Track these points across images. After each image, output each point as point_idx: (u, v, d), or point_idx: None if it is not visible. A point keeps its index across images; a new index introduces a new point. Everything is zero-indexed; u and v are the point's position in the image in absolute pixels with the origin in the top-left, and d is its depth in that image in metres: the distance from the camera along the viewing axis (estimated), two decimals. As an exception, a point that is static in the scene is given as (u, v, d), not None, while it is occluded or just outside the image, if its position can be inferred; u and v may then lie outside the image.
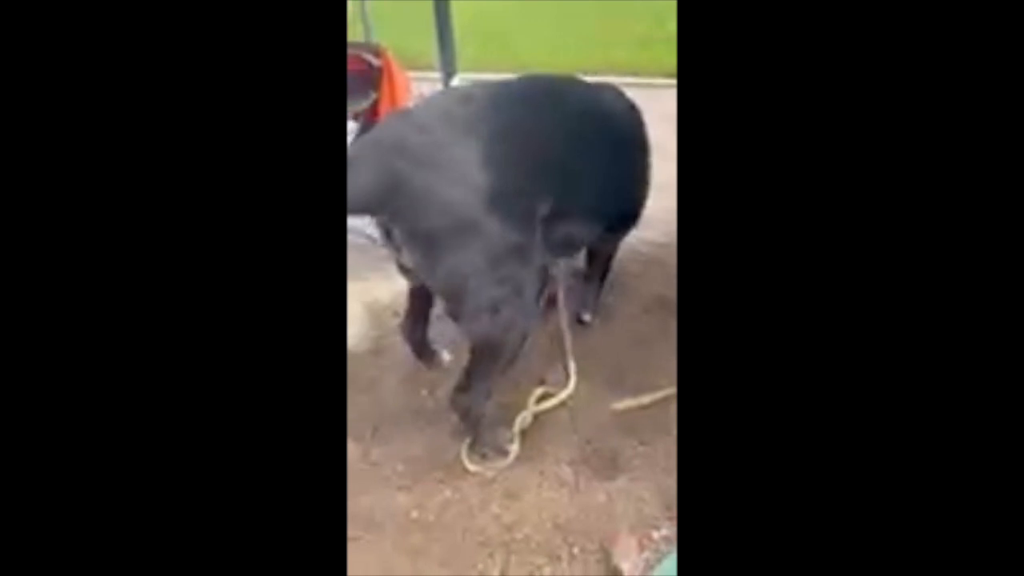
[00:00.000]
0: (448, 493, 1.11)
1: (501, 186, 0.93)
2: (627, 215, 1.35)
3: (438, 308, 1.30)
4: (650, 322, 1.50)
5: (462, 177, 0.92)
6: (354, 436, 1.22)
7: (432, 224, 0.92)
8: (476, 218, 0.92)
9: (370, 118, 1.65)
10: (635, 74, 3.03)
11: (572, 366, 1.33)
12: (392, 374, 1.38)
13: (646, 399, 1.26)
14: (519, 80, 1.18)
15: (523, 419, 1.21)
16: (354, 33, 1.88)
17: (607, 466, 1.14)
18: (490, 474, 1.13)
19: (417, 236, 0.94)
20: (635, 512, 1.04)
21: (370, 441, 1.22)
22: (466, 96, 1.03)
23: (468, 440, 1.17)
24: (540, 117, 1.05)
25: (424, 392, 1.33)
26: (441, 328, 1.39)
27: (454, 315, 1.03)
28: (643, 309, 1.55)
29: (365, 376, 1.38)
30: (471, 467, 1.14)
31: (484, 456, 1.15)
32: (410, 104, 1.66)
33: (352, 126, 1.68)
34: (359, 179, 0.88)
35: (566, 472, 1.13)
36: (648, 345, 1.44)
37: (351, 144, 1.08)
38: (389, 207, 0.93)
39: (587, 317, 1.49)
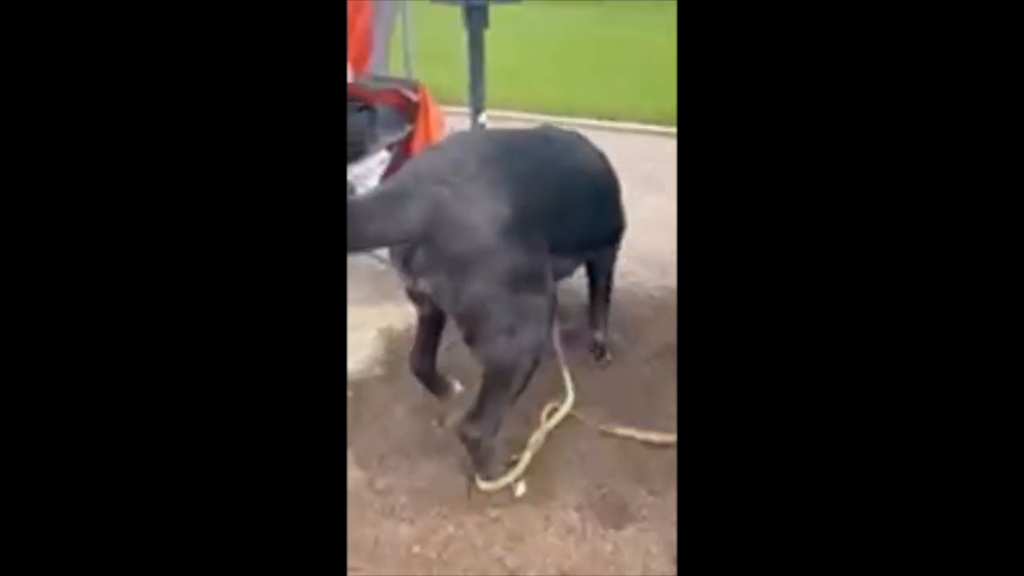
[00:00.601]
0: (451, 529, 1.09)
1: (518, 218, 1.03)
2: (611, 235, 1.47)
3: (447, 339, 1.32)
4: (659, 367, 1.50)
5: (487, 208, 1.01)
6: (361, 463, 1.21)
7: (459, 249, 1.00)
8: (498, 245, 1.01)
9: (404, 150, 1.69)
10: (658, 121, 3.11)
11: (569, 381, 1.33)
12: (403, 402, 1.38)
13: (655, 436, 1.26)
14: (527, 130, 1.40)
15: (536, 440, 1.21)
16: (395, 67, 1.94)
17: (615, 514, 1.12)
18: (495, 513, 1.11)
19: (443, 260, 1.01)
20: (642, 565, 1.02)
21: (376, 469, 1.20)
22: (490, 138, 1.19)
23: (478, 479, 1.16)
24: (542, 163, 1.19)
25: (434, 422, 1.32)
26: (452, 359, 1.39)
27: (471, 339, 1.07)
28: (654, 354, 1.55)
29: (376, 402, 1.37)
30: (484, 486, 1.13)
31: (486, 475, 1.15)
32: (441, 138, 1.71)
33: (385, 155, 1.73)
34: (409, 210, 0.99)
35: (573, 517, 1.11)
36: (658, 391, 1.43)
37: (393, 177, 1.15)
38: (427, 234, 1.00)
39: (600, 336, 1.53)
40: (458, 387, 1.38)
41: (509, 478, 1.15)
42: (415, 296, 1.15)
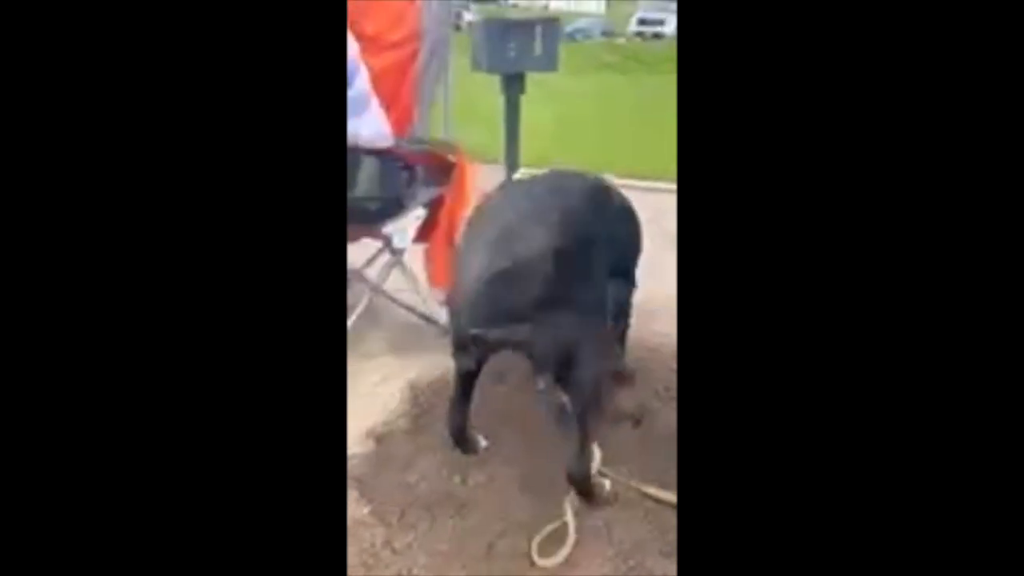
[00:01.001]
0: (469, 598, 1.04)
1: (575, 252, 1.10)
2: (627, 271, 1.48)
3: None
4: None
5: (553, 249, 1.07)
6: (381, 518, 1.19)
7: (537, 295, 1.05)
8: (563, 283, 1.06)
9: (439, 207, 1.76)
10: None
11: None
12: (427, 456, 1.36)
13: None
14: (548, 173, 1.44)
15: (572, 499, 1.19)
16: (435, 129, 2.05)
17: (643, 589, 1.05)
18: (517, 582, 1.06)
19: (526, 310, 1.05)
20: (671, 650, 0.94)
21: (396, 526, 1.17)
22: (531, 184, 1.30)
23: (539, 536, 1.12)
24: (583, 198, 1.26)
25: (457, 479, 1.29)
26: (475, 416, 1.37)
27: (563, 378, 1.12)
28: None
29: (400, 455, 1.36)
30: (539, 560, 1.10)
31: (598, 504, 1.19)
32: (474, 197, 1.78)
33: (421, 212, 1.79)
34: (512, 294, 1.05)
35: (598, 592, 1.05)
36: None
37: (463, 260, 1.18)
38: (514, 288, 1.05)
39: (622, 367, 1.53)
40: (483, 442, 1.36)
41: (566, 549, 1.11)
42: (472, 348, 1.16)
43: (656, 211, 1.82)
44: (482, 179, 1.89)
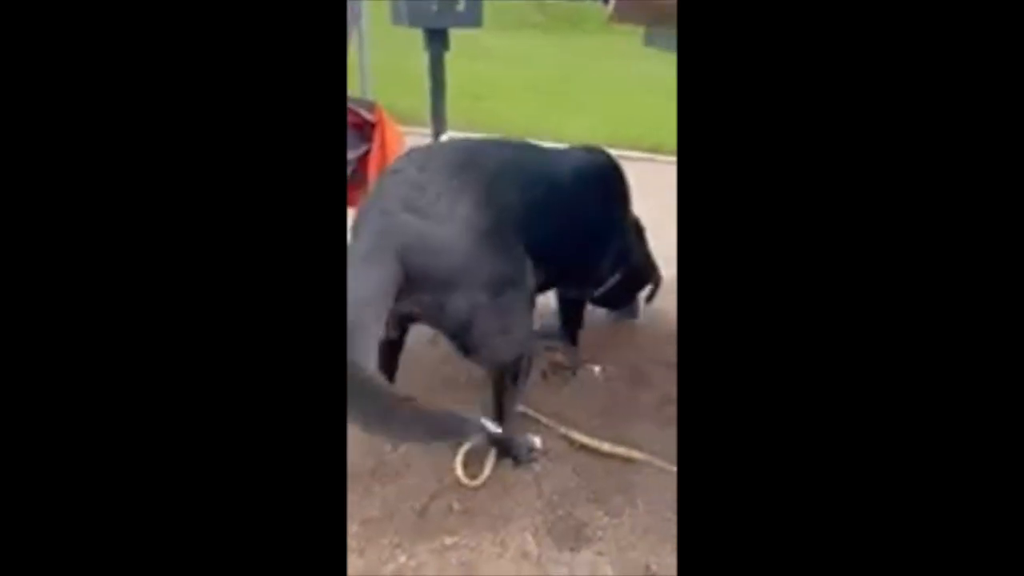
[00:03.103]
0: (403, 559, 1.05)
1: (489, 224, 1.03)
2: (581, 268, 1.41)
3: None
4: (620, 391, 1.50)
5: (456, 224, 1.01)
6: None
7: (437, 269, 1.00)
8: (472, 258, 1.01)
9: (361, 168, 1.68)
10: (615, 146, 3.19)
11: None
12: (354, 427, 1.33)
13: (606, 446, 1.27)
14: (490, 139, 1.34)
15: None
16: (352, 87, 1.94)
17: (572, 536, 1.10)
18: (449, 540, 1.08)
19: (425, 282, 1.00)
20: (597, 589, 1.00)
21: (325, 498, 1.16)
22: (449, 149, 1.16)
23: (462, 450, 1.20)
24: (514, 169, 1.19)
25: (387, 447, 1.28)
26: (409, 381, 1.36)
27: (467, 349, 1.11)
28: (618, 376, 1.55)
29: (327, 427, 1.33)
30: (464, 478, 1.17)
31: (518, 459, 1.24)
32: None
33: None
34: (385, 262, 0.96)
35: (529, 542, 1.08)
36: (618, 414, 1.44)
37: (359, 220, 1.07)
38: (406, 263, 0.97)
39: (582, 372, 1.55)
40: None
41: (486, 471, 1.19)
42: (394, 318, 1.10)
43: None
44: (409, 144, 1.83)
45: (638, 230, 1.62)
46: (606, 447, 1.27)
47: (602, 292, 1.55)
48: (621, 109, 4.40)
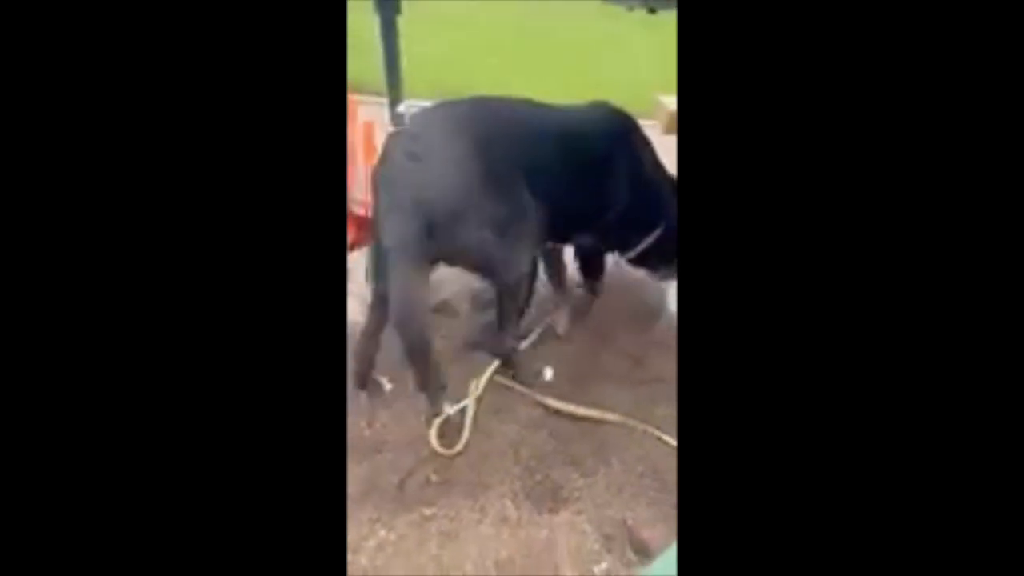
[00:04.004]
0: (384, 533, 1.05)
1: (488, 169, 1.13)
2: (591, 218, 1.42)
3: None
4: (589, 356, 1.52)
5: (458, 171, 1.11)
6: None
7: (444, 204, 1.10)
8: (476, 194, 1.12)
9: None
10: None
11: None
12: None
13: (582, 410, 1.30)
14: (493, 96, 1.33)
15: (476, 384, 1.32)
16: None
17: (549, 499, 1.13)
18: (428, 511, 1.09)
19: (438, 220, 1.10)
20: (576, 547, 1.03)
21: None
22: (454, 105, 1.23)
23: (436, 421, 1.23)
24: (512, 119, 1.26)
25: (363, 423, 1.27)
26: (380, 357, 1.35)
27: (476, 270, 1.27)
28: (587, 340, 1.57)
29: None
30: (440, 449, 1.20)
31: (525, 381, 1.37)
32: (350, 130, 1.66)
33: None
34: (396, 222, 1.10)
35: (508, 507, 1.10)
36: (590, 378, 1.46)
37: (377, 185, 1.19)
38: (418, 212, 1.08)
39: (561, 330, 1.60)
40: (388, 386, 1.35)
41: (465, 434, 1.23)
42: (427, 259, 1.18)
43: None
44: (363, 113, 1.76)
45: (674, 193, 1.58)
46: (582, 411, 1.30)
47: (639, 252, 1.53)
48: (583, 71, 4.33)
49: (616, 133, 1.41)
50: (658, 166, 1.49)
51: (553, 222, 1.29)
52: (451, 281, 1.64)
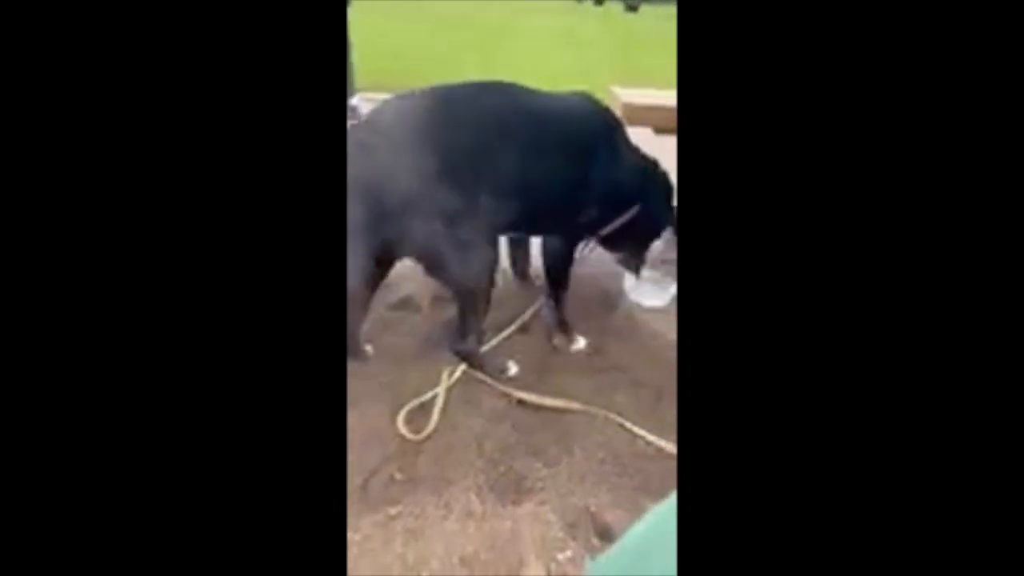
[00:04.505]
0: (348, 534, 1.04)
1: (442, 163, 1.13)
2: (558, 212, 1.39)
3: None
4: (545, 345, 1.54)
5: (411, 162, 1.12)
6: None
7: (392, 197, 1.12)
8: (427, 186, 1.13)
9: None
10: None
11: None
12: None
13: (547, 401, 1.32)
14: (464, 84, 1.30)
15: (444, 380, 1.33)
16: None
17: (513, 490, 1.14)
18: (393, 510, 1.08)
19: (386, 213, 1.12)
20: (540, 537, 1.05)
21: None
22: (411, 97, 1.22)
23: (405, 408, 1.26)
24: (478, 110, 1.23)
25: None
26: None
27: (430, 270, 1.25)
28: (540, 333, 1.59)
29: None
30: (408, 435, 1.22)
31: (490, 376, 1.38)
32: None
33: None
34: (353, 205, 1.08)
35: (472, 501, 1.11)
36: (552, 368, 1.48)
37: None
38: (370, 199, 1.10)
39: (557, 341, 1.55)
40: (370, 351, 1.42)
41: (434, 420, 1.25)
42: (373, 249, 1.19)
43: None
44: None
45: (653, 176, 1.53)
46: (547, 401, 1.32)
47: (608, 232, 1.50)
48: (548, 66, 4.33)
49: (587, 122, 1.40)
50: (634, 150, 1.51)
51: (524, 212, 1.28)
52: (412, 277, 1.62)
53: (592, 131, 1.39)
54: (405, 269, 1.34)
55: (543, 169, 1.28)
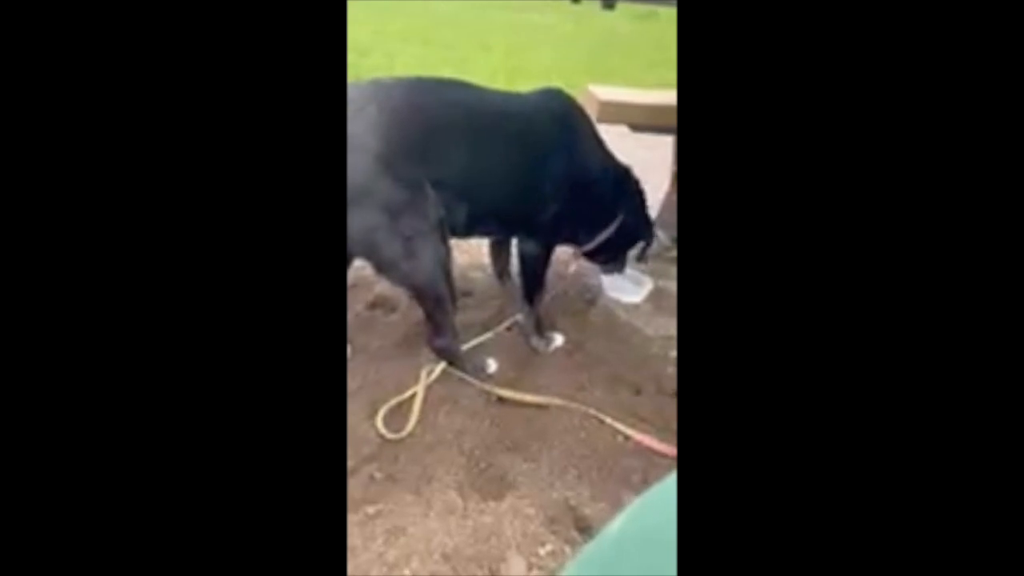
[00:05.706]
0: (327, 535, 1.04)
1: (386, 156, 1.11)
2: (521, 215, 1.38)
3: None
4: (524, 342, 1.55)
5: (358, 147, 1.09)
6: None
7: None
8: (371, 180, 1.10)
9: None
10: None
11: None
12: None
13: (528, 397, 1.33)
14: (411, 78, 1.30)
15: (422, 379, 1.33)
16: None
17: (494, 486, 1.14)
18: (372, 509, 1.08)
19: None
20: (521, 531, 1.05)
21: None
22: (361, 88, 1.20)
23: (384, 408, 1.25)
24: (425, 103, 1.21)
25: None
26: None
27: (378, 268, 1.21)
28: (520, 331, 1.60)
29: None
30: (388, 435, 1.21)
31: (469, 375, 1.36)
32: None
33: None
34: None
35: (453, 498, 1.11)
36: (532, 366, 1.49)
37: None
38: None
39: (535, 343, 1.53)
40: (348, 350, 1.42)
41: (411, 424, 1.24)
42: None
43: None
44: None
45: (626, 185, 1.52)
46: (527, 398, 1.32)
47: (593, 247, 1.51)
48: (511, 60, 4.33)
49: (556, 121, 1.37)
50: (609, 156, 1.48)
51: (478, 210, 1.26)
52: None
53: (549, 131, 1.35)
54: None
55: (492, 166, 1.26)
